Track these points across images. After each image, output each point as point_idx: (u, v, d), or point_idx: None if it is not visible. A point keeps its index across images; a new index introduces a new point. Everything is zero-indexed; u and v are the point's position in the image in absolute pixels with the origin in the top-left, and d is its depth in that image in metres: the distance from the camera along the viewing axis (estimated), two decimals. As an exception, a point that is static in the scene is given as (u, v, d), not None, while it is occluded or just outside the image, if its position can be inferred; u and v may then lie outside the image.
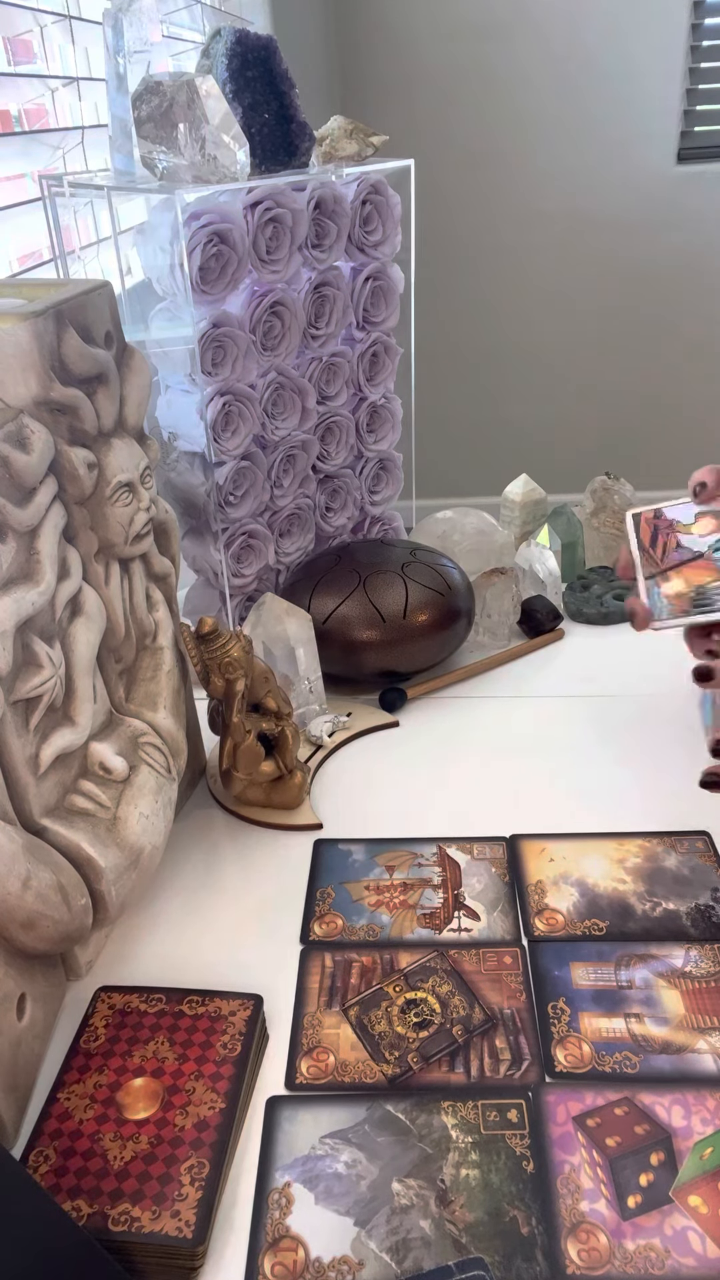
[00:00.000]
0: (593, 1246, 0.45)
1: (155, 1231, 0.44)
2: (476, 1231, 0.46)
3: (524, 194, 2.59)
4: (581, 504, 1.06)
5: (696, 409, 2.80)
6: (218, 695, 0.70)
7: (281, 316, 0.84)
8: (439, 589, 0.85)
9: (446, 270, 2.66)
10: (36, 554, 0.52)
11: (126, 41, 0.75)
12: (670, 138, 2.50)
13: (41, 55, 1.00)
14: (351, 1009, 0.57)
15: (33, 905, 0.51)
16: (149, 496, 0.62)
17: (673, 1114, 0.50)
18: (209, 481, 0.83)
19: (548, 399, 2.83)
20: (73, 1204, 0.46)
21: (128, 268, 0.80)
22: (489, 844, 0.69)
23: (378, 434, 1.00)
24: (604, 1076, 0.52)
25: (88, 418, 0.56)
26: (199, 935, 0.64)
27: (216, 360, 0.80)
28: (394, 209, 0.91)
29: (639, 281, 2.66)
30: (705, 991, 0.57)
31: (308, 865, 0.68)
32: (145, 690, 0.65)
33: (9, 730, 0.51)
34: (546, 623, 0.94)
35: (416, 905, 0.64)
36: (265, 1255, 0.45)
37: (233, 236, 0.77)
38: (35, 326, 0.51)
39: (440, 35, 2.44)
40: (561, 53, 2.43)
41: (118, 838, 0.57)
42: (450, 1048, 0.54)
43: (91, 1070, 0.52)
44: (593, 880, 0.65)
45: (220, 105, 0.73)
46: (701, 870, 0.65)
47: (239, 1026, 0.54)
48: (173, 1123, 0.49)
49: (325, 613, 0.84)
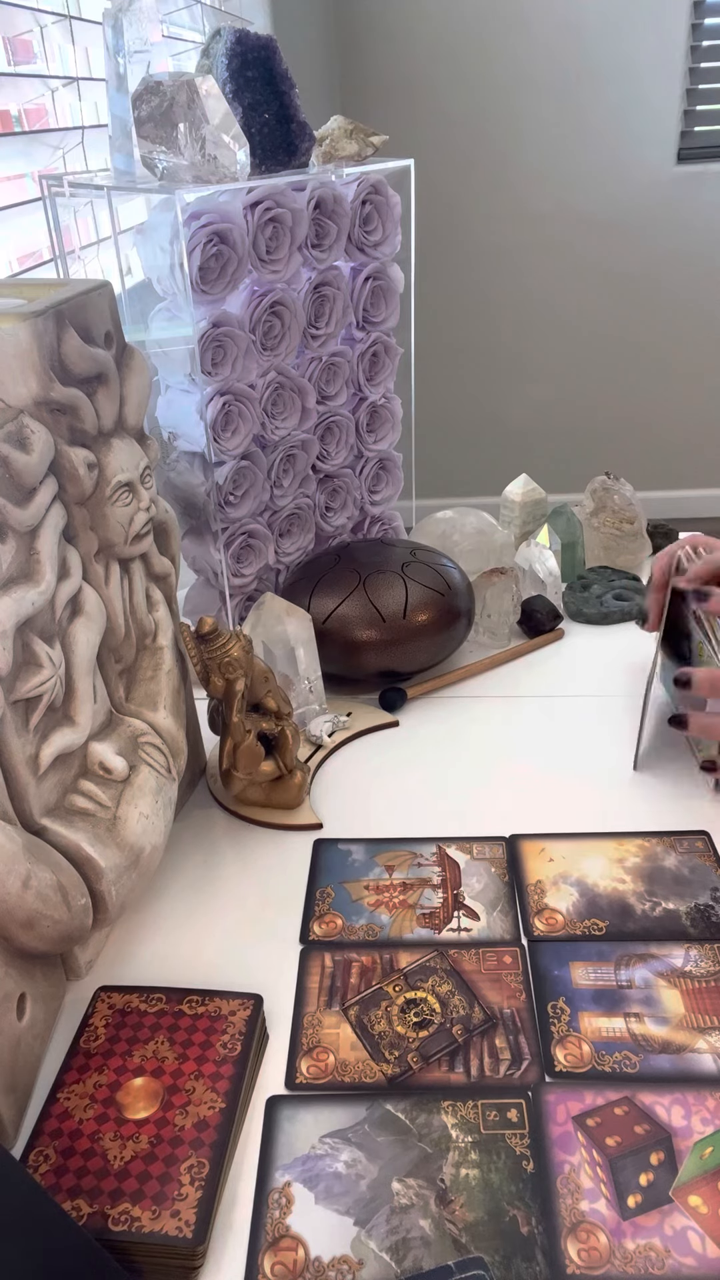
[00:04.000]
0: (593, 1246, 0.45)
1: (155, 1231, 0.44)
2: (476, 1231, 0.46)
3: (524, 194, 2.59)
4: (581, 504, 1.06)
5: (696, 408, 2.81)
6: (218, 695, 0.70)
7: (281, 316, 0.84)
8: (439, 589, 0.85)
9: (446, 270, 2.66)
10: (36, 554, 0.53)
11: (126, 41, 0.75)
12: (670, 138, 2.50)
13: (41, 55, 1.00)
14: (351, 1009, 0.57)
15: (33, 905, 0.51)
16: (149, 496, 0.62)
17: (673, 1114, 0.50)
18: (209, 481, 0.83)
19: (548, 399, 2.83)
20: (73, 1204, 0.46)
21: (128, 268, 0.80)
22: (488, 844, 0.69)
23: (378, 434, 1.00)
24: (604, 1076, 0.52)
25: (88, 418, 0.56)
26: (199, 935, 0.64)
27: (216, 360, 0.80)
28: (394, 209, 0.91)
29: (639, 281, 2.66)
30: (705, 991, 0.57)
31: (307, 865, 0.68)
32: (145, 690, 0.65)
33: (9, 730, 0.51)
34: (546, 623, 0.94)
35: (416, 905, 0.64)
36: (265, 1255, 0.45)
37: (233, 236, 0.77)
38: (35, 326, 0.51)
39: (440, 35, 2.44)
40: (561, 53, 2.43)
41: (118, 838, 0.57)
42: (450, 1047, 0.54)
43: (91, 1070, 0.52)
44: (592, 880, 0.65)
45: (220, 105, 0.73)
46: (701, 870, 0.65)
47: (239, 1026, 0.54)
48: (173, 1122, 0.49)
49: (325, 613, 0.84)
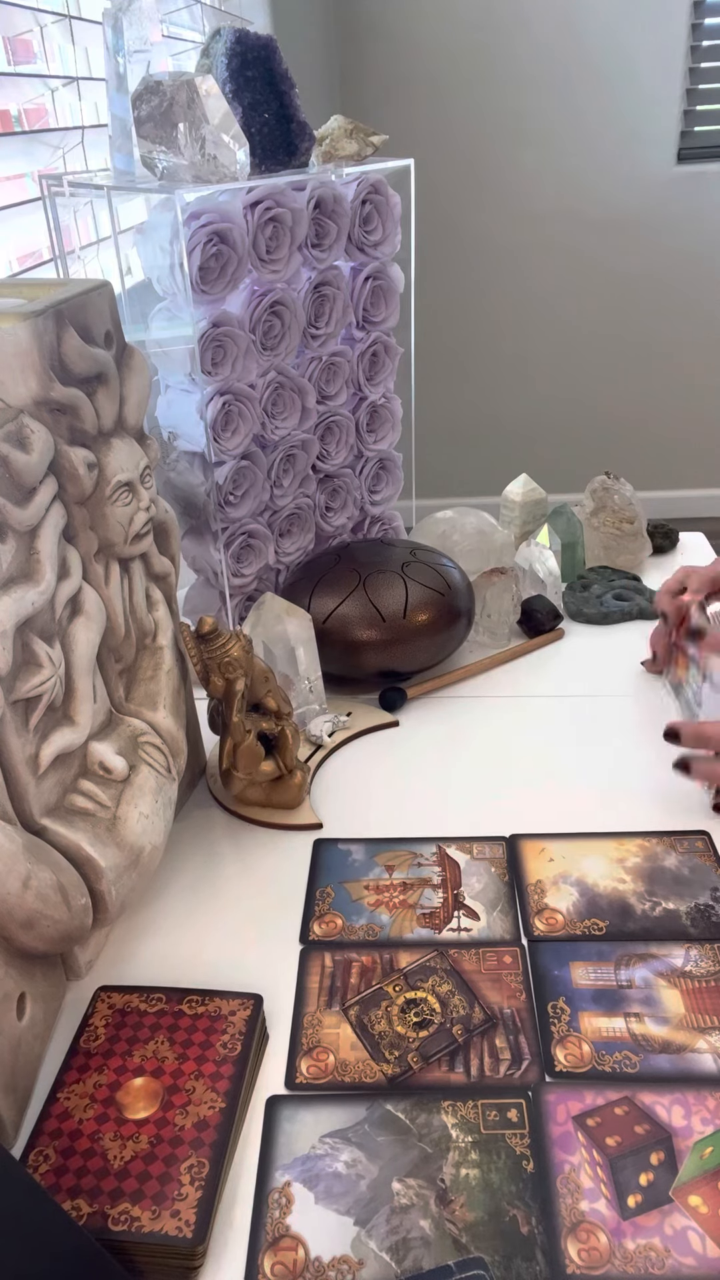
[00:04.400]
0: (593, 1246, 0.45)
1: (155, 1231, 0.44)
2: (476, 1231, 0.46)
3: (524, 193, 2.59)
4: (581, 504, 1.06)
5: (696, 408, 2.81)
6: (218, 695, 0.70)
7: (281, 316, 0.84)
8: (439, 589, 0.85)
9: (446, 270, 2.66)
10: (36, 554, 0.53)
11: (126, 41, 0.75)
12: (670, 138, 2.50)
13: (41, 55, 1.00)
14: (351, 1009, 0.57)
15: (33, 905, 0.51)
16: (149, 496, 0.62)
17: (673, 1113, 0.50)
18: (209, 481, 0.83)
19: (548, 399, 2.83)
20: (73, 1203, 0.46)
21: (128, 268, 0.80)
22: (488, 844, 0.69)
23: (378, 434, 1.00)
24: (604, 1076, 0.52)
25: (88, 417, 0.56)
26: (199, 935, 0.64)
27: (216, 360, 0.80)
28: (394, 209, 0.91)
29: (639, 281, 2.66)
30: (705, 991, 0.57)
31: (307, 865, 0.68)
32: (145, 690, 0.65)
33: (9, 730, 0.51)
34: (546, 623, 0.94)
35: (416, 905, 0.64)
36: (265, 1255, 0.45)
37: (233, 236, 0.77)
38: (35, 326, 0.51)
39: (440, 35, 2.44)
40: (561, 52, 2.43)
41: (118, 837, 0.57)
42: (450, 1047, 0.54)
43: (91, 1070, 0.52)
44: (592, 880, 0.65)
45: (220, 105, 0.73)
46: (701, 870, 0.65)
47: (239, 1026, 0.54)
48: (173, 1122, 0.49)
49: (325, 613, 0.84)
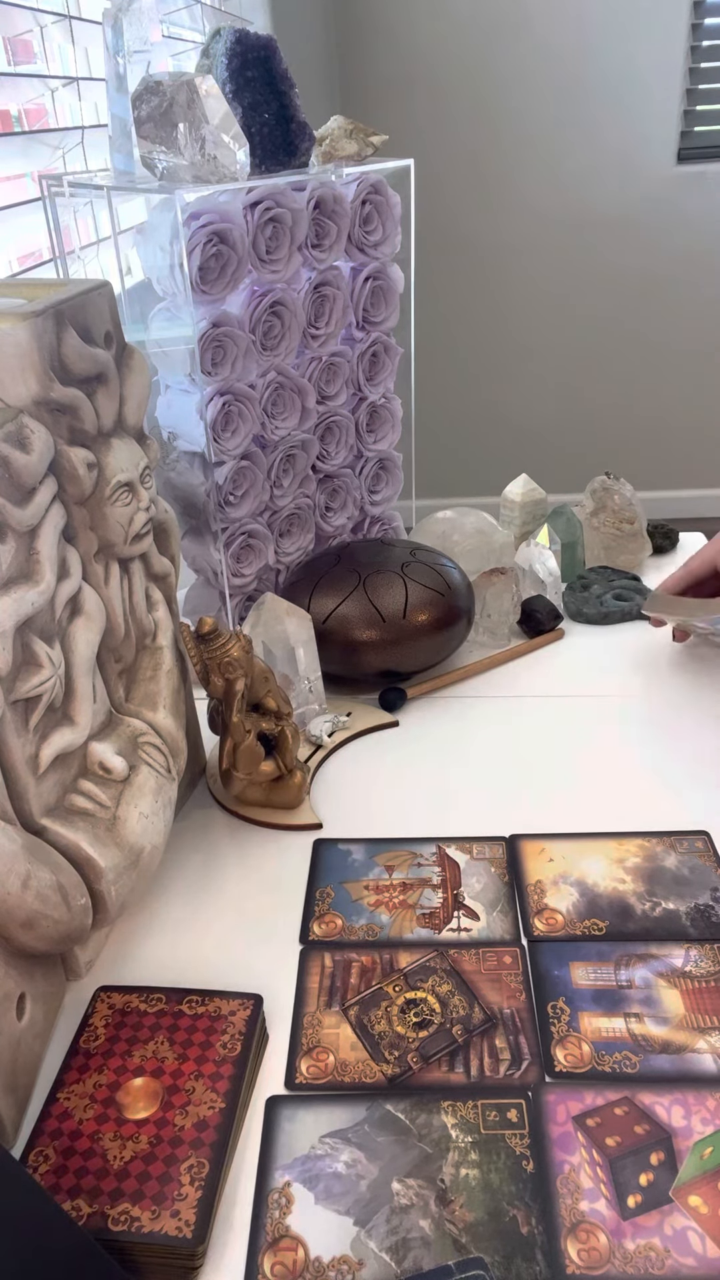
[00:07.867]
0: (593, 1246, 0.45)
1: (155, 1231, 0.44)
2: (476, 1231, 0.46)
3: (524, 194, 2.59)
4: (581, 504, 1.06)
5: (696, 408, 2.81)
6: (218, 695, 0.70)
7: (281, 316, 0.84)
8: (439, 589, 0.85)
9: (446, 270, 2.66)
10: (36, 554, 0.53)
11: (126, 41, 0.75)
12: (670, 138, 2.50)
13: (41, 55, 1.00)
14: (351, 1009, 0.57)
15: (33, 905, 0.51)
16: (149, 496, 0.62)
17: (673, 1114, 0.50)
18: (209, 481, 0.83)
19: (548, 399, 2.83)
20: (73, 1204, 0.46)
21: (128, 268, 0.80)
22: (488, 844, 0.69)
23: (378, 434, 1.00)
24: (604, 1076, 0.52)
25: (87, 418, 0.56)
26: (199, 935, 0.64)
27: (216, 360, 0.80)
28: (394, 209, 0.91)
29: (639, 281, 2.66)
30: (705, 991, 0.57)
31: (307, 865, 0.68)
32: (145, 690, 0.65)
33: (9, 730, 0.51)
34: (546, 623, 0.94)
35: (416, 905, 0.64)
36: (265, 1255, 0.45)
37: (232, 236, 0.77)
38: (35, 326, 0.51)
39: (440, 35, 2.44)
40: (561, 53, 2.43)
41: (117, 837, 0.57)
42: (450, 1047, 0.54)
43: (91, 1070, 0.52)
44: (592, 880, 0.65)
45: (220, 105, 0.73)
46: (701, 870, 0.65)
47: (239, 1026, 0.54)
48: (172, 1122, 0.49)
49: (325, 613, 0.84)
